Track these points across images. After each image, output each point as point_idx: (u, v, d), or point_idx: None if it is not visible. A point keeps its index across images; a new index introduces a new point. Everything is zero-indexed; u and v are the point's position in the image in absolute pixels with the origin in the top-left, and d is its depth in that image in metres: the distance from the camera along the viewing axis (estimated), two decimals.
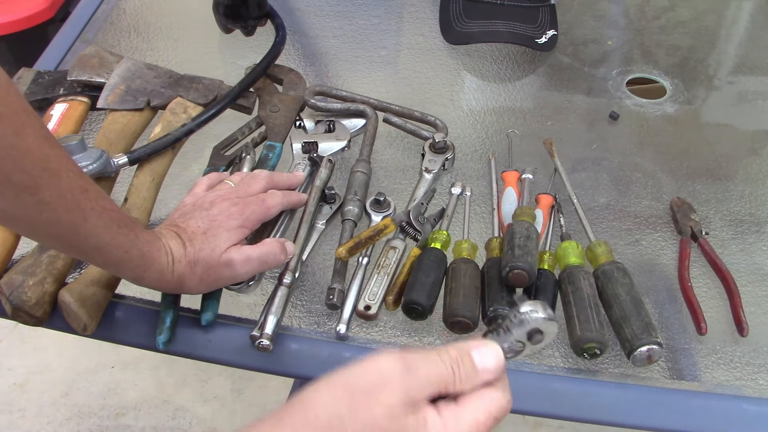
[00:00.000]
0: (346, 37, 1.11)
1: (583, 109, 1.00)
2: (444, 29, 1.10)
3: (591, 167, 0.90)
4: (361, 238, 0.75)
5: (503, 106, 1.00)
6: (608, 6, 1.22)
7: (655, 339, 0.65)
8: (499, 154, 0.91)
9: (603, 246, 0.75)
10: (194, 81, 0.92)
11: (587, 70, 1.07)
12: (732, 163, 0.92)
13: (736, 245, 0.81)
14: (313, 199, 0.79)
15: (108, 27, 1.11)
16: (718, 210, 0.85)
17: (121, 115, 0.86)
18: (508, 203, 0.82)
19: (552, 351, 0.70)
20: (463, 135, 0.94)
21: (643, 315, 0.67)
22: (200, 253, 0.64)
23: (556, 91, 1.04)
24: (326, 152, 0.88)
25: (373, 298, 0.72)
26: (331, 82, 1.03)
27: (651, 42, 1.13)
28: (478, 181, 0.88)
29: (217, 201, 0.69)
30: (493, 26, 1.05)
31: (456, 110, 0.99)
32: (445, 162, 0.87)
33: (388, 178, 0.88)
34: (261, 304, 0.71)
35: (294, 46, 1.08)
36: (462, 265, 0.73)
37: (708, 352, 0.71)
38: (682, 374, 0.69)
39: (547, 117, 0.98)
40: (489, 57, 1.08)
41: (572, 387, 0.67)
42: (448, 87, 1.03)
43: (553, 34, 1.06)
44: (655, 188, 0.88)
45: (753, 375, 0.69)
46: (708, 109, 1.03)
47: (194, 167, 0.88)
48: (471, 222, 0.82)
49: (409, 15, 1.18)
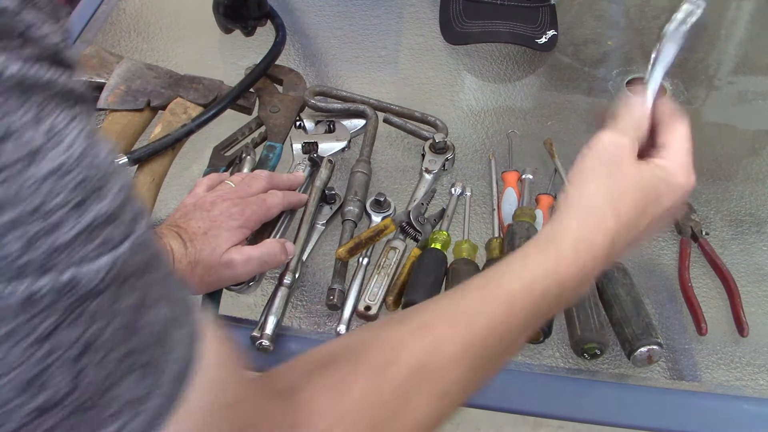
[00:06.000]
0: (346, 37, 1.11)
1: (583, 109, 1.00)
2: (444, 29, 1.10)
3: None
4: (361, 238, 0.75)
5: (503, 106, 1.00)
6: (608, 6, 1.22)
7: (655, 339, 0.65)
8: (499, 154, 0.91)
9: None
10: (194, 81, 0.92)
11: (587, 70, 1.07)
12: (732, 163, 0.92)
13: (736, 245, 0.81)
14: (313, 200, 0.79)
15: (108, 27, 1.11)
16: (718, 210, 0.85)
17: (121, 115, 0.87)
18: (508, 203, 0.82)
19: (552, 351, 0.70)
20: (463, 135, 0.94)
21: (643, 315, 0.67)
22: (201, 254, 0.64)
23: (556, 91, 1.04)
24: (326, 152, 0.88)
25: (374, 299, 0.72)
26: (331, 82, 1.03)
27: (651, 42, 1.13)
28: (478, 181, 0.88)
29: (218, 201, 0.69)
30: (493, 26, 1.05)
31: (456, 110, 0.99)
32: (445, 162, 0.87)
33: (388, 178, 0.88)
34: (261, 305, 0.71)
35: (294, 46, 1.08)
36: (462, 265, 0.74)
37: (708, 352, 0.71)
38: (683, 374, 0.69)
39: (547, 117, 0.98)
40: (489, 57, 1.08)
41: (572, 387, 0.67)
42: (448, 87, 1.03)
43: (553, 34, 1.06)
44: None
45: (753, 375, 0.69)
46: (708, 109, 1.03)
47: (194, 168, 0.88)
48: (471, 222, 0.82)
49: (409, 15, 1.18)
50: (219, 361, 0.32)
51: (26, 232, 0.21)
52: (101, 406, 0.25)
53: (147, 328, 0.27)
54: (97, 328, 0.24)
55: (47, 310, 0.22)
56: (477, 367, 0.44)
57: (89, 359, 0.24)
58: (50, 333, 0.22)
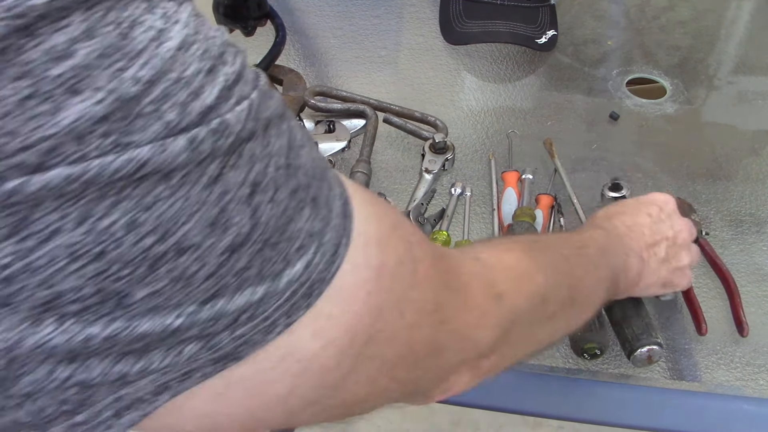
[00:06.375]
0: (346, 37, 1.11)
1: (583, 109, 1.00)
2: (444, 29, 1.10)
3: (591, 167, 0.90)
4: None
5: (503, 106, 1.00)
6: (608, 6, 1.22)
7: (655, 339, 0.65)
8: (499, 154, 0.91)
9: None
10: None
11: (587, 70, 1.07)
12: (732, 163, 0.92)
13: (736, 245, 0.81)
14: None
15: None
16: (718, 210, 0.85)
17: None
18: (508, 203, 0.82)
19: (552, 351, 0.70)
20: (463, 135, 0.94)
21: (643, 315, 0.67)
22: None
23: (556, 91, 1.04)
24: (326, 153, 0.88)
25: None
26: (331, 82, 1.03)
27: (651, 42, 1.13)
28: (478, 181, 0.88)
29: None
30: (493, 26, 1.05)
31: (456, 110, 0.99)
32: (445, 162, 0.87)
33: (388, 178, 0.88)
34: None
35: (294, 46, 1.08)
36: None
37: (708, 352, 0.70)
38: (683, 374, 0.69)
39: (547, 117, 0.98)
40: (489, 57, 1.08)
41: (572, 387, 0.67)
42: (448, 87, 1.03)
43: (553, 34, 1.06)
44: (655, 188, 0.87)
45: (753, 375, 0.69)
46: (708, 109, 1.03)
47: None
48: (471, 222, 0.82)
49: (409, 15, 1.18)
50: (364, 197, 0.34)
51: (178, 99, 0.24)
52: (286, 240, 0.28)
53: (304, 166, 0.29)
54: (259, 169, 0.27)
55: (210, 156, 0.25)
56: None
57: (261, 198, 0.27)
58: (218, 176, 0.25)
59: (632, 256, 0.60)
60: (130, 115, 0.23)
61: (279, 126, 0.28)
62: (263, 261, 0.27)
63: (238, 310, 0.27)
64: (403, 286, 0.34)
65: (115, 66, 0.22)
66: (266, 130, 0.27)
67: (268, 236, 0.27)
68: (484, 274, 0.42)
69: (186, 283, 0.26)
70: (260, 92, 0.27)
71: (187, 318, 0.26)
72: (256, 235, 0.27)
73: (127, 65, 0.22)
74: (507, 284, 0.42)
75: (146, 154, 0.23)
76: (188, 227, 0.25)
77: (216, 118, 0.25)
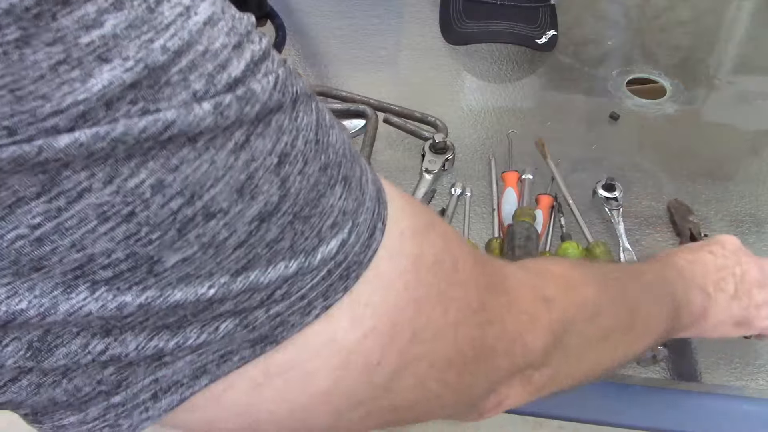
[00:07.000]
0: (346, 37, 1.12)
1: (583, 110, 1.00)
2: (444, 29, 1.10)
3: (591, 167, 0.90)
4: None
5: (503, 107, 1.00)
6: (608, 6, 1.22)
7: None
8: (499, 154, 0.91)
9: (601, 246, 0.75)
10: None
11: (587, 70, 1.07)
12: (732, 163, 0.92)
13: None
14: None
15: None
16: (718, 210, 0.85)
17: None
18: (508, 204, 0.82)
19: None
20: (463, 135, 0.94)
21: None
22: None
23: (556, 92, 1.04)
24: None
25: None
26: (331, 82, 1.03)
27: (651, 42, 1.13)
28: (478, 181, 0.88)
29: None
30: (493, 26, 1.05)
31: (456, 110, 0.99)
32: (445, 162, 0.87)
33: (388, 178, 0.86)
34: None
35: (294, 46, 1.08)
36: None
37: (708, 352, 0.71)
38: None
39: (547, 117, 0.98)
40: (489, 57, 1.08)
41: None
42: (448, 87, 1.03)
43: (553, 34, 1.06)
44: (655, 188, 0.88)
45: (753, 375, 0.69)
46: (708, 109, 1.03)
47: None
48: (471, 222, 0.82)
49: (409, 15, 1.18)
50: (399, 192, 0.34)
51: (205, 69, 0.24)
52: (318, 215, 0.28)
53: (333, 145, 0.29)
54: (287, 140, 0.26)
55: (236, 122, 0.25)
56: None
57: (289, 169, 0.26)
58: (244, 142, 0.25)
59: (695, 288, 0.56)
60: (158, 83, 0.23)
61: (307, 103, 0.28)
62: (295, 234, 0.27)
63: (272, 284, 0.27)
64: (443, 282, 0.33)
65: (144, 37, 0.23)
66: (294, 105, 0.27)
67: (299, 209, 0.27)
68: (531, 280, 0.40)
69: (216, 250, 0.25)
70: (287, 69, 0.27)
71: (220, 289, 0.26)
72: (285, 206, 0.27)
73: (155, 37, 0.23)
74: (555, 290, 0.41)
75: (172, 116, 0.23)
76: (215, 191, 0.25)
77: (242, 88, 0.25)
